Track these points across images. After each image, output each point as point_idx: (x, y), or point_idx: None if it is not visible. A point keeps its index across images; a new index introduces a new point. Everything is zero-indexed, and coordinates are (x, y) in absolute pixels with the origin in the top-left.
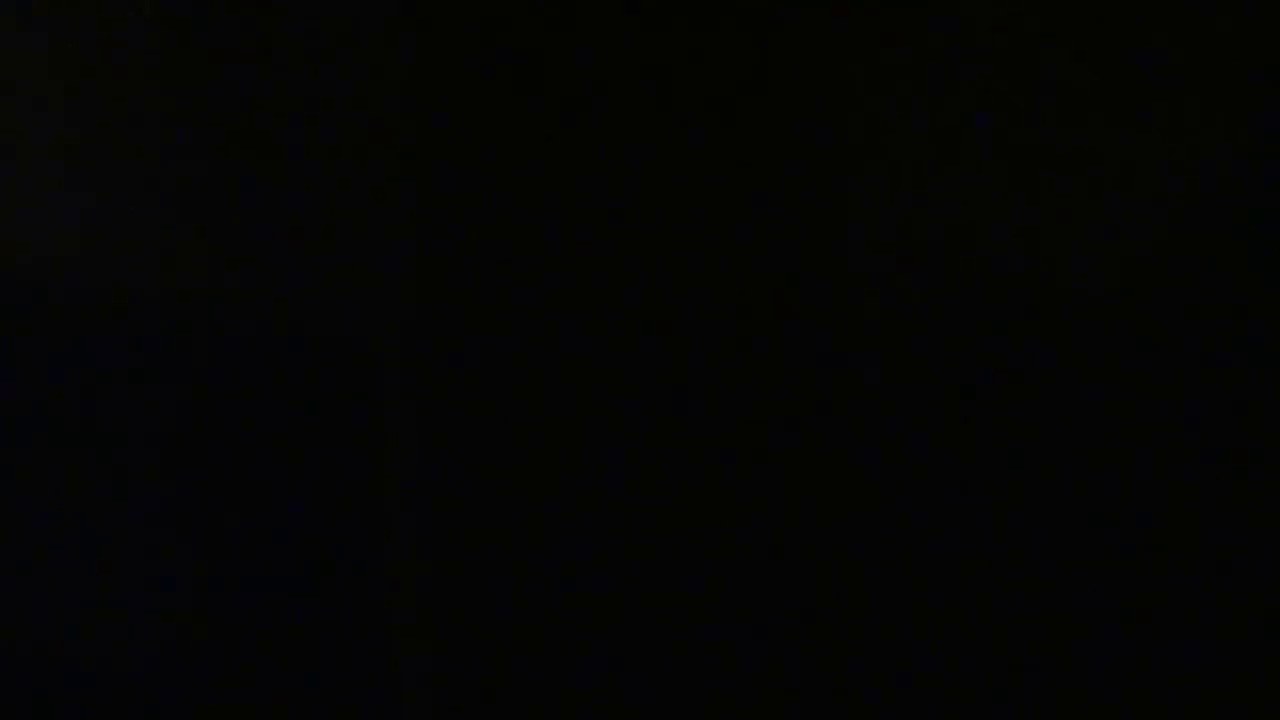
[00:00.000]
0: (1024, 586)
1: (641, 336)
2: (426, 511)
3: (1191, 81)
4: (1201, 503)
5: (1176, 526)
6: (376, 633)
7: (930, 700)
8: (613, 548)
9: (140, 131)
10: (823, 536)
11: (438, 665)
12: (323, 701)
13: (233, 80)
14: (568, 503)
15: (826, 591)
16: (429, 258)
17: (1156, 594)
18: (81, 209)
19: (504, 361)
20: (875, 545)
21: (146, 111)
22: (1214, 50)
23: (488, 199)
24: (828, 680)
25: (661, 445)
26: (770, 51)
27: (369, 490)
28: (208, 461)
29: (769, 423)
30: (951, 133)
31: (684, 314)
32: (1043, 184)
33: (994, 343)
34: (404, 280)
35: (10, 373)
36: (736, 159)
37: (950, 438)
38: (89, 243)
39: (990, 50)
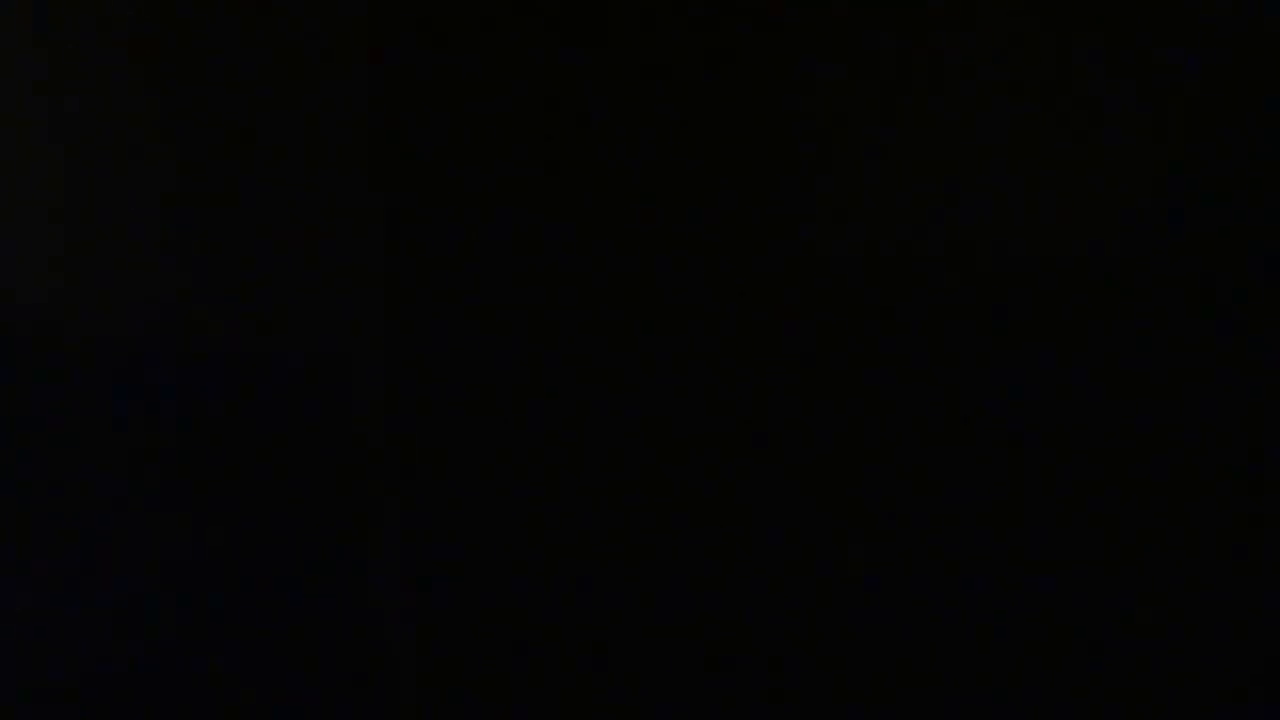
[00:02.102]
0: (1023, 586)
1: (622, 342)
2: (408, 516)
3: (1190, 79)
4: (1201, 502)
5: (1176, 526)
6: (362, 643)
7: (931, 700)
8: (601, 553)
9: (106, 142)
10: (820, 536)
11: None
12: (319, 705)
13: (201, 91)
14: (550, 510)
15: (826, 591)
16: (402, 268)
17: (1156, 593)
18: (49, 221)
19: (479, 370)
20: (872, 544)
21: (115, 122)
22: (1213, 47)
23: (461, 207)
24: (827, 680)
25: (652, 446)
26: (758, 49)
27: (349, 502)
28: (186, 474)
29: (763, 423)
30: (946, 131)
31: (664, 318)
32: (1041, 183)
33: (991, 342)
34: (377, 291)
35: None
36: (725, 161)
37: (947, 437)
38: (58, 254)
39: (987, 48)
